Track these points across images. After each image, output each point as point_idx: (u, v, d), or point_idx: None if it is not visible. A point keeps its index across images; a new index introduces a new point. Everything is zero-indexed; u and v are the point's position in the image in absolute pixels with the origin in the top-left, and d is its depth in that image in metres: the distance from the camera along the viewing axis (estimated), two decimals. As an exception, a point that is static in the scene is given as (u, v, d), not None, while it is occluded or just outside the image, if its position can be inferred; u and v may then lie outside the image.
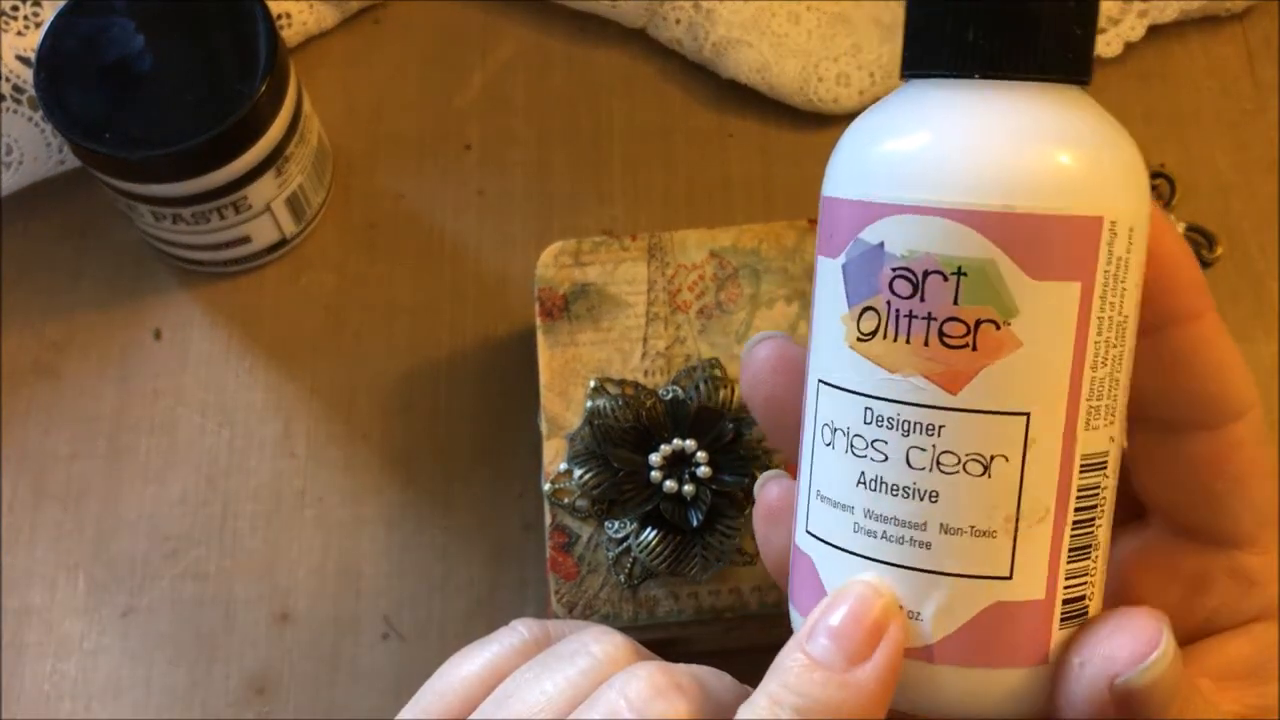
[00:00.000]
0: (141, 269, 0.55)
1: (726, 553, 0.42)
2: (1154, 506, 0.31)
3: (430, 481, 0.51)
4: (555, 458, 0.44)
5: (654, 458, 0.43)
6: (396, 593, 0.49)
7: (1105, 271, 0.26)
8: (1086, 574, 0.27)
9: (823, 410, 0.28)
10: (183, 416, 0.52)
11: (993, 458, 0.26)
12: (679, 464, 0.43)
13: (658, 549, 0.42)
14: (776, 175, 0.56)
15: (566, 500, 0.43)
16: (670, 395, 0.44)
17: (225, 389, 0.53)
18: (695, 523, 0.42)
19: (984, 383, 0.26)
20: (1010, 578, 0.27)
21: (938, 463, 0.26)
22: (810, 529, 0.28)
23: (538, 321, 0.46)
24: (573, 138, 0.57)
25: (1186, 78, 0.57)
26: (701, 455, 0.43)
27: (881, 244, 0.26)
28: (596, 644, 0.31)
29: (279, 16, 0.56)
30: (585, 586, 0.43)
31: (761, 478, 0.32)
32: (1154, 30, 0.56)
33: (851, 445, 0.27)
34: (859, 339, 0.27)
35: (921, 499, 0.26)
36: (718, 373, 0.44)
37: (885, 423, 0.26)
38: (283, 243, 0.54)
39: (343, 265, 0.55)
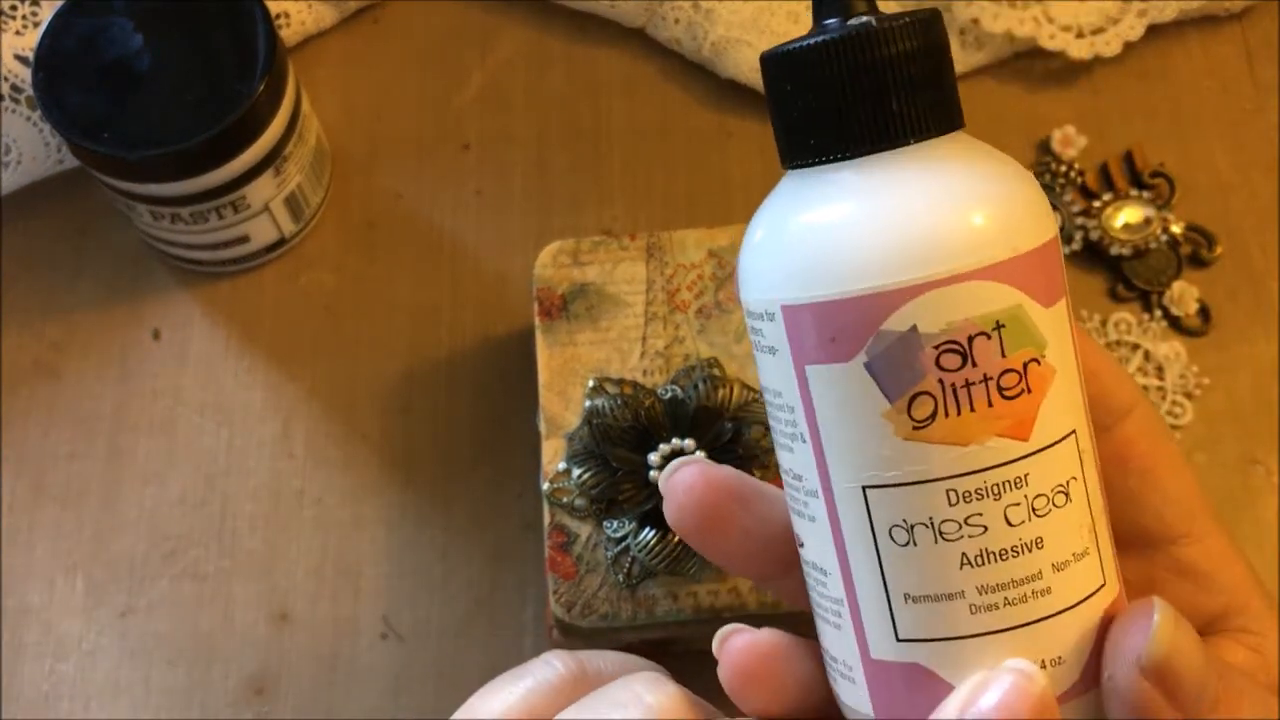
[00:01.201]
0: (140, 269, 0.55)
1: (725, 552, 0.42)
2: None
3: (429, 481, 0.51)
4: (554, 457, 0.44)
5: (653, 457, 0.43)
6: (395, 593, 0.49)
7: (1064, 284, 0.27)
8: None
9: (880, 514, 0.26)
10: (182, 416, 0.52)
11: (1069, 481, 0.27)
12: (678, 464, 0.43)
13: (656, 548, 0.42)
14: (775, 174, 0.56)
15: (565, 500, 0.43)
16: (669, 395, 0.44)
17: (224, 389, 0.53)
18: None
19: (1044, 418, 0.26)
20: (1104, 583, 0.27)
21: (1033, 510, 0.26)
22: (906, 635, 0.27)
23: (536, 321, 0.46)
24: (572, 137, 0.57)
25: (1186, 77, 0.57)
26: (700, 455, 0.43)
27: (914, 327, 0.25)
28: (650, 695, 0.29)
29: (277, 16, 0.56)
30: (584, 586, 0.43)
31: (720, 634, 0.30)
32: (1153, 30, 0.56)
33: (941, 533, 0.26)
34: (915, 428, 0.26)
35: (1030, 550, 0.26)
36: (716, 372, 0.44)
37: (974, 496, 0.26)
38: (281, 242, 0.54)
39: (341, 265, 0.55)
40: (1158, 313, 0.53)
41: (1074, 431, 0.27)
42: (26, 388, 0.53)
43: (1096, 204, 0.54)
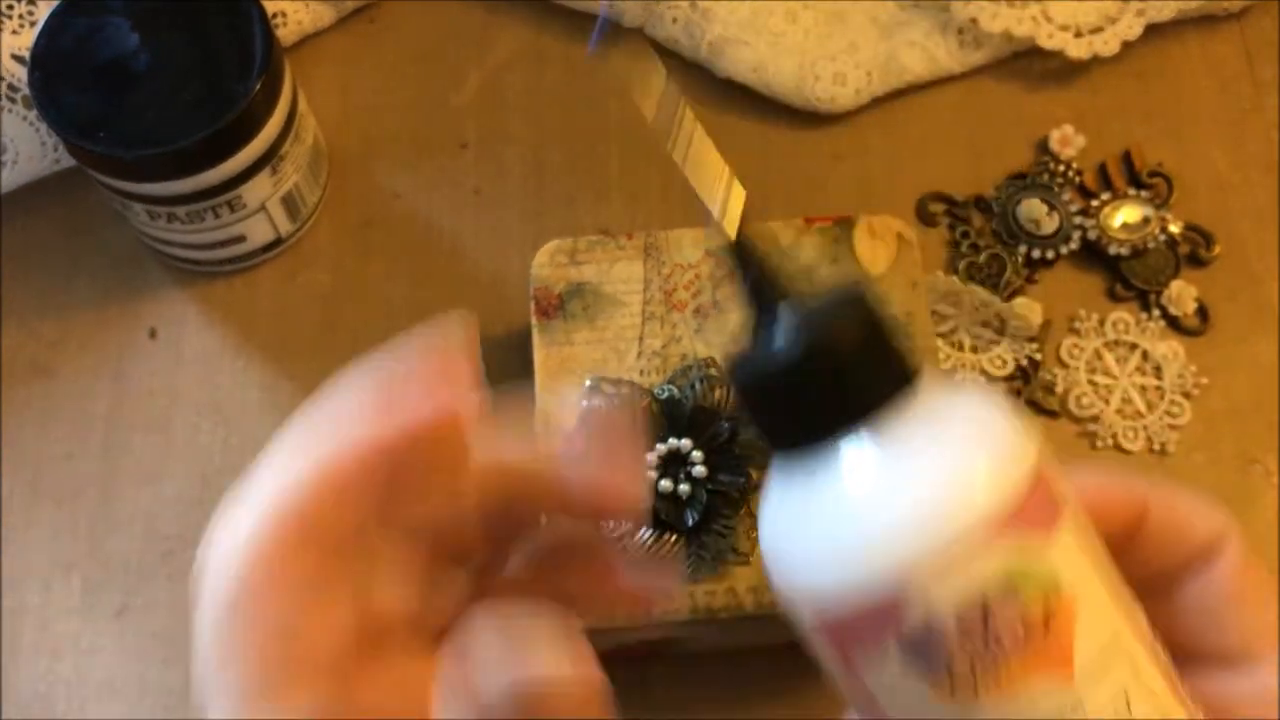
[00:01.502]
0: (137, 268, 0.55)
1: (722, 552, 0.42)
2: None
3: (426, 481, 0.51)
4: (551, 457, 0.44)
5: (650, 457, 0.43)
6: (392, 592, 0.49)
7: (1060, 494, 0.27)
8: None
9: None
10: (178, 415, 0.52)
11: (1126, 691, 0.27)
12: (675, 463, 0.43)
13: (654, 548, 0.42)
14: (773, 174, 0.56)
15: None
16: (666, 394, 0.44)
17: (221, 388, 0.53)
18: (691, 522, 0.42)
19: (1081, 643, 0.27)
20: None
21: None
22: None
23: (533, 320, 0.46)
24: (569, 137, 0.57)
25: (1184, 77, 0.57)
26: (697, 455, 0.43)
27: (932, 612, 0.26)
28: None
29: (274, 15, 0.56)
30: (581, 586, 0.43)
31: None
32: (1152, 29, 0.56)
33: None
34: (961, 692, 0.27)
35: None
36: (713, 372, 0.44)
37: None
38: (278, 242, 0.54)
39: (338, 264, 0.55)
40: (1156, 312, 0.53)
41: (1116, 634, 0.27)
42: (23, 387, 0.53)
43: (1095, 204, 0.54)
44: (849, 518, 0.27)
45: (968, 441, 0.27)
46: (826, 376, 0.27)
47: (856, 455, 0.27)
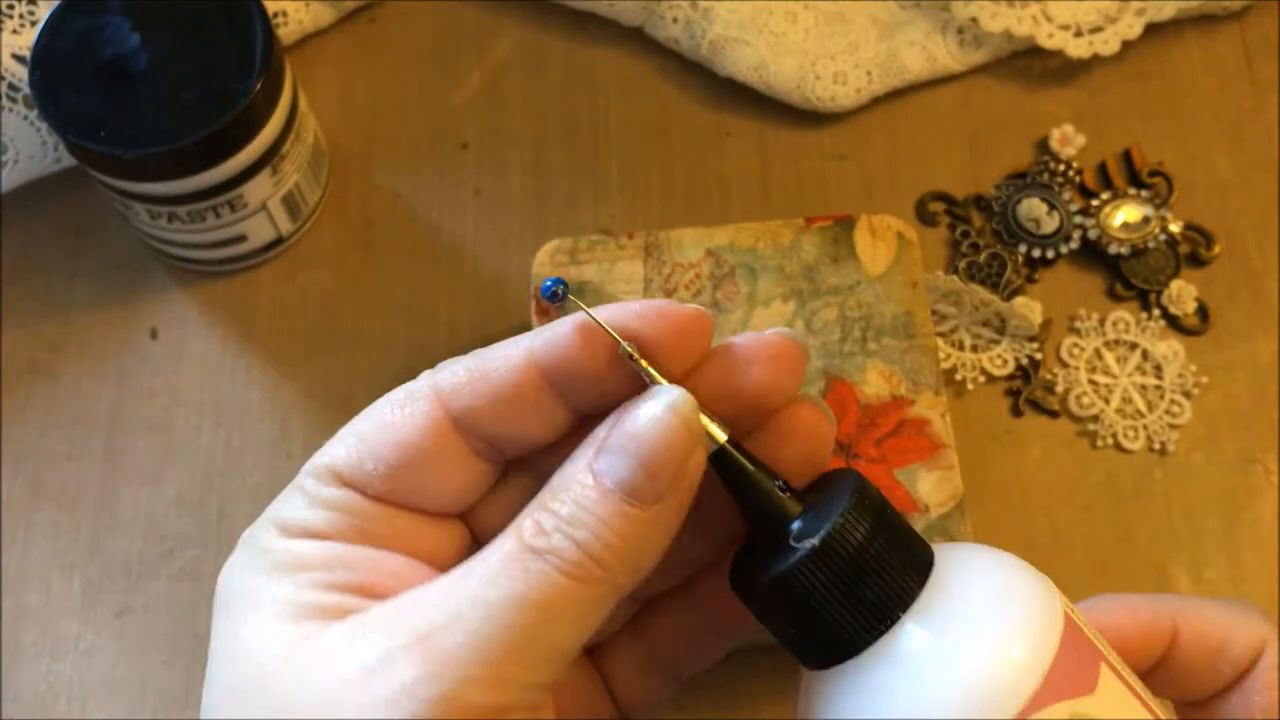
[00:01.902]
0: (137, 268, 0.55)
1: (723, 552, 0.42)
2: None
3: (427, 481, 0.51)
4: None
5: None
6: (393, 592, 0.49)
7: (1091, 637, 0.28)
8: None
9: None
10: (179, 416, 0.52)
11: None
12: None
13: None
14: (773, 174, 0.56)
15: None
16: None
17: (221, 388, 0.53)
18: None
19: None
20: None
21: None
22: None
23: (533, 320, 0.46)
24: (570, 136, 0.57)
25: (1184, 76, 0.57)
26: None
27: None
28: None
29: (275, 15, 0.56)
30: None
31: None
32: (1151, 29, 0.56)
33: None
34: None
35: None
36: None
37: None
38: (279, 241, 0.54)
39: (339, 264, 0.55)
40: (1156, 312, 0.53)
41: None
42: (23, 387, 0.53)
43: (1095, 203, 0.54)
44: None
45: (999, 622, 0.27)
46: (854, 587, 0.27)
47: (897, 658, 0.27)
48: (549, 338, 0.29)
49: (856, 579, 0.27)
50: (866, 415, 0.44)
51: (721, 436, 0.29)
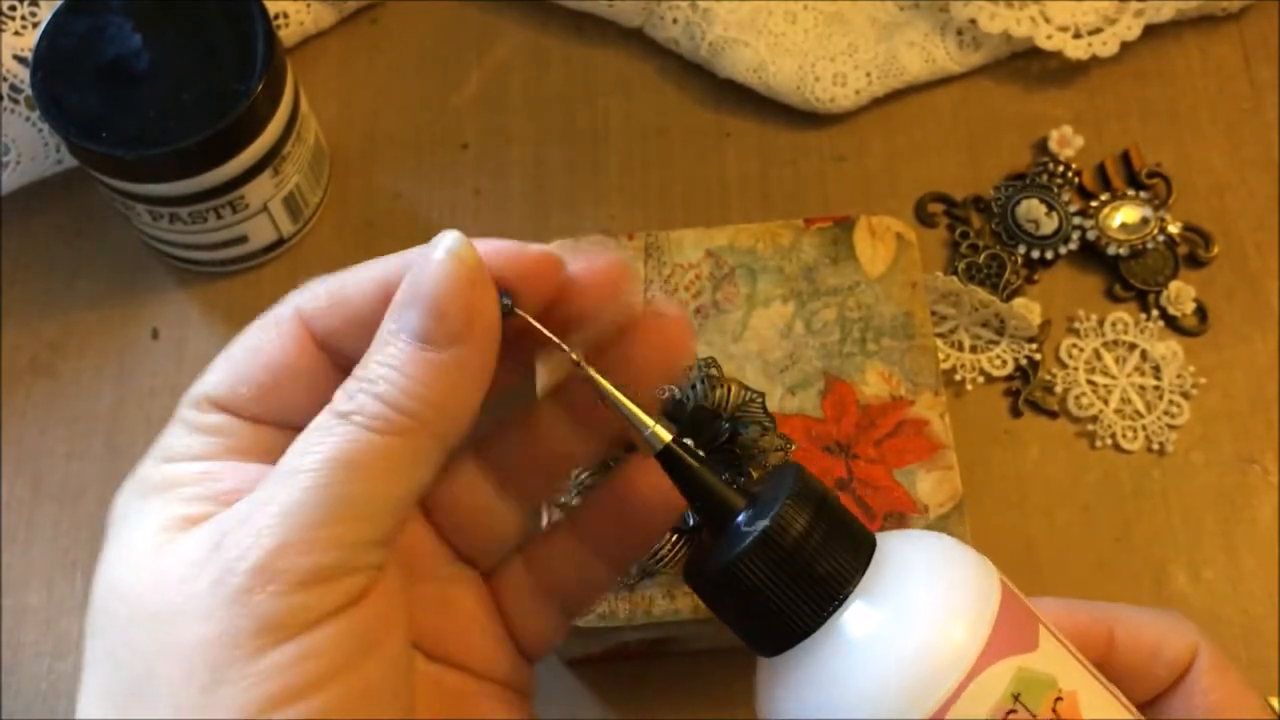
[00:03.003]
0: (139, 268, 0.55)
1: (722, 552, 0.42)
2: None
3: (427, 481, 0.51)
4: (552, 457, 0.44)
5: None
6: (393, 592, 0.49)
7: (1028, 608, 0.30)
8: None
9: None
10: (180, 416, 0.52)
11: None
12: (675, 463, 0.43)
13: (653, 548, 0.42)
14: (773, 174, 0.56)
15: (563, 500, 0.43)
16: (666, 395, 0.44)
17: (222, 388, 0.53)
18: (691, 522, 0.42)
19: None
20: None
21: None
22: None
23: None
24: (570, 137, 0.57)
25: (1183, 77, 0.57)
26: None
27: None
28: None
29: (276, 16, 0.56)
30: (581, 585, 0.43)
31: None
32: (1150, 29, 0.56)
33: None
34: None
35: None
36: (714, 372, 0.44)
37: None
38: (280, 242, 0.54)
39: (340, 264, 0.54)
40: (1155, 312, 0.53)
41: (1114, 709, 0.30)
42: (24, 387, 0.53)
43: (1094, 204, 0.54)
44: (856, 697, 0.28)
45: (941, 591, 0.29)
46: (798, 573, 0.28)
47: (844, 639, 0.28)
48: (404, 265, 0.30)
49: (800, 565, 0.28)
50: (866, 416, 0.45)
51: (666, 436, 0.30)
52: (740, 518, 0.29)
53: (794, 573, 0.28)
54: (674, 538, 0.42)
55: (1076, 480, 0.50)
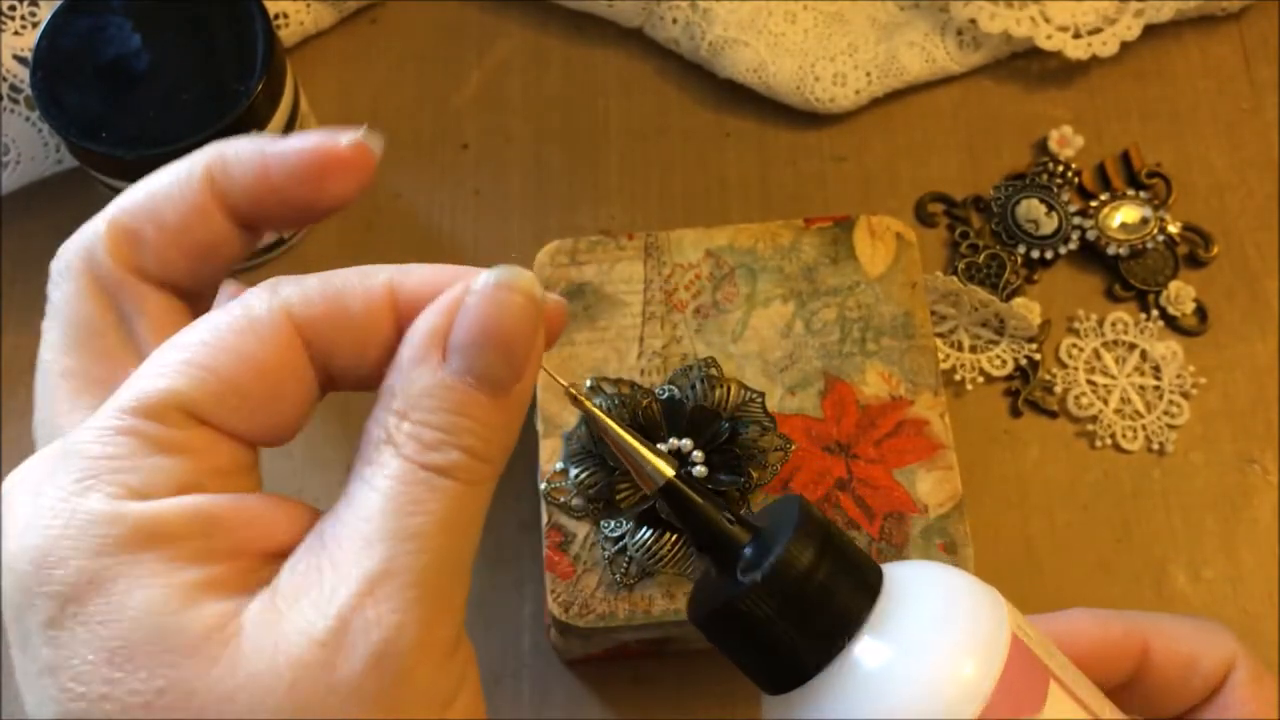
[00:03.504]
0: (139, 268, 0.55)
1: (722, 552, 0.42)
2: None
3: (427, 480, 0.51)
4: (551, 457, 0.44)
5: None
6: (393, 592, 0.49)
7: (1039, 654, 0.28)
8: None
9: None
10: (180, 416, 0.52)
11: None
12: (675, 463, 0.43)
13: (653, 548, 0.42)
14: (773, 174, 0.56)
15: (562, 499, 0.44)
16: (666, 394, 0.44)
17: (222, 388, 0.53)
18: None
19: None
20: None
21: None
22: None
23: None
24: (569, 137, 0.57)
25: (1182, 77, 0.57)
26: (697, 455, 0.43)
27: None
28: None
29: (276, 16, 0.56)
30: (581, 585, 0.43)
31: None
32: (1150, 29, 0.56)
33: None
34: None
35: None
36: (713, 372, 0.44)
37: None
38: (280, 243, 0.54)
39: (340, 265, 0.55)
40: (1155, 312, 0.53)
41: None
42: (24, 387, 0.53)
43: (1094, 204, 0.54)
44: None
45: (945, 640, 0.28)
46: (802, 613, 0.28)
47: (846, 681, 0.28)
48: (422, 282, 0.28)
49: (803, 605, 0.28)
50: (866, 416, 0.45)
51: (669, 472, 0.29)
52: (745, 553, 0.29)
53: (800, 610, 0.28)
54: (674, 538, 0.42)
55: (1076, 480, 0.50)
